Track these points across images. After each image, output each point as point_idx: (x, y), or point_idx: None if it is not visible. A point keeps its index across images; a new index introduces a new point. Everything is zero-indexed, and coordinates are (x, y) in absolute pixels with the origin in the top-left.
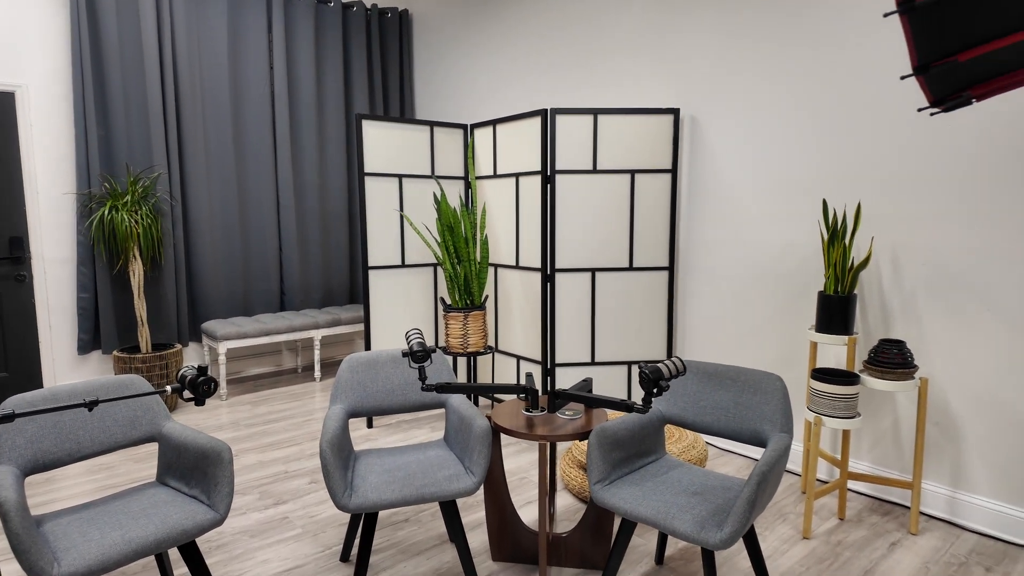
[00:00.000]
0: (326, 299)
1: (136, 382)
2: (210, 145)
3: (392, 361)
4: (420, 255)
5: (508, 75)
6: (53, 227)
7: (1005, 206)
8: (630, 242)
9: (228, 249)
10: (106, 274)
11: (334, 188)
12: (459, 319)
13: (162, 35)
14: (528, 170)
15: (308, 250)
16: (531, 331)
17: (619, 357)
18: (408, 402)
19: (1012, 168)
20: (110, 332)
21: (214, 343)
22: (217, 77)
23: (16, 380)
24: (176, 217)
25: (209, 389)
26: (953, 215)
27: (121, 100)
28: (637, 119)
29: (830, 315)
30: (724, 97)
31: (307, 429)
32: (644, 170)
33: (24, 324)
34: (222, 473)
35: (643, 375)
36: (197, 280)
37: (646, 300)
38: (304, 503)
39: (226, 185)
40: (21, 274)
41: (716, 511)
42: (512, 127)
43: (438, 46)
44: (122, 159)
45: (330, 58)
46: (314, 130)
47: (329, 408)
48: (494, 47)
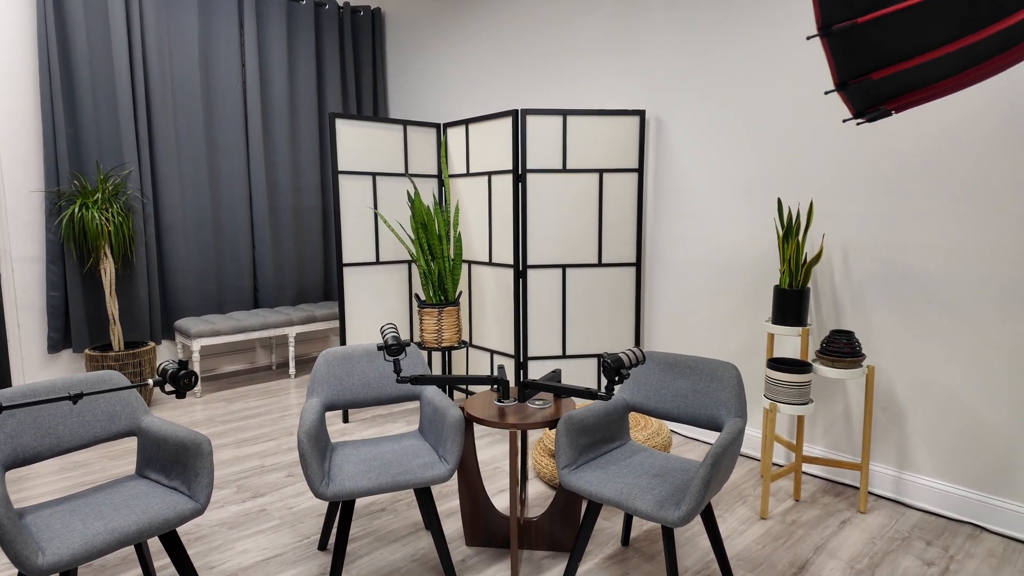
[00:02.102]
0: (300, 296)
1: (114, 377)
2: (181, 142)
3: (367, 355)
4: (395, 252)
5: (480, 75)
6: (20, 225)
7: (941, 206)
8: (599, 239)
9: (200, 247)
10: (76, 272)
11: (307, 186)
12: (433, 315)
13: (131, 31)
14: (500, 169)
15: (281, 248)
16: (504, 326)
17: (589, 350)
18: (383, 395)
19: (943, 170)
20: (81, 331)
21: (187, 341)
22: (188, 74)
23: None
24: (147, 215)
25: (190, 382)
26: (898, 214)
27: (90, 97)
28: (605, 120)
29: (785, 308)
30: (686, 99)
31: (283, 424)
32: (612, 169)
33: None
34: (202, 464)
35: (605, 364)
36: (169, 278)
37: (615, 295)
38: (282, 495)
39: (198, 183)
40: None
41: (675, 491)
42: (484, 127)
43: (411, 45)
44: (92, 156)
45: (302, 56)
46: (287, 128)
47: (306, 401)
48: (466, 47)
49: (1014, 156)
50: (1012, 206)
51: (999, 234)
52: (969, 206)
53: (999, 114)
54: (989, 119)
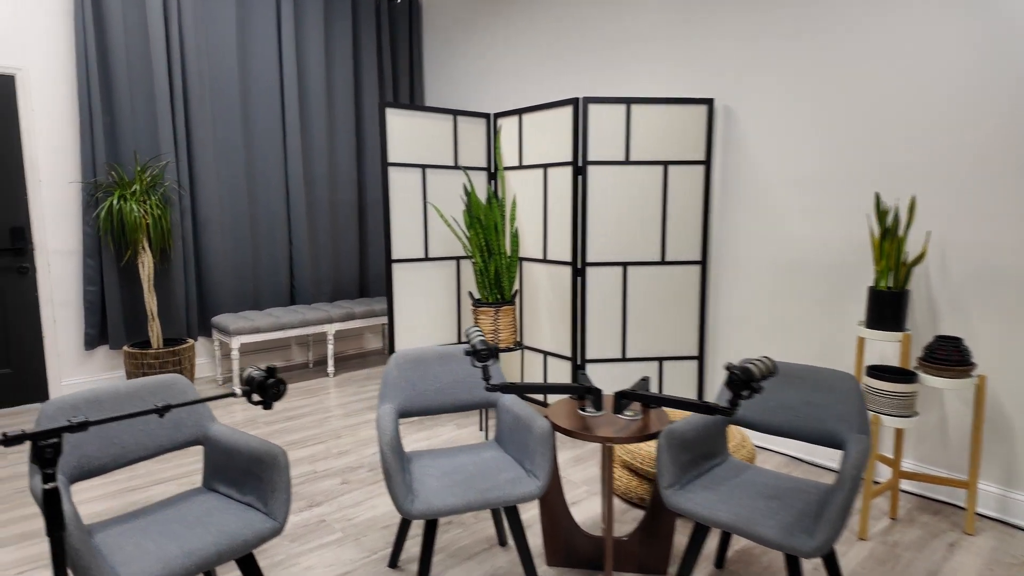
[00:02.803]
0: (336, 293)
1: (179, 383)
2: (218, 133)
3: (440, 359)
4: (444, 248)
5: (528, 64)
6: (57, 217)
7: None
8: (662, 235)
9: (237, 241)
10: (113, 266)
11: (344, 179)
12: (489, 314)
13: (168, 20)
14: (558, 161)
15: (318, 242)
16: (559, 326)
17: (650, 353)
18: (458, 401)
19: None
20: (118, 327)
21: (226, 338)
22: (225, 64)
23: (19, 377)
24: (184, 207)
25: (279, 391)
26: (1003, 211)
27: (126, 86)
28: (670, 109)
29: (882, 311)
30: (760, 87)
31: (328, 427)
32: (677, 161)
33: (27, 318)
34: (279, 478)
35: (733, 376)
36: (206, 273)
37: (678, 295)
38: (339, 504)
39: (235, 175)
40: (24, 266)
41: (800, 516)
42: (540, 116)
43: (450, 34)
44: (128, 147)
45: (339, 46)
46: (324, 120)
47: (379, 408)
48: (511, 35)
49: None
50: None
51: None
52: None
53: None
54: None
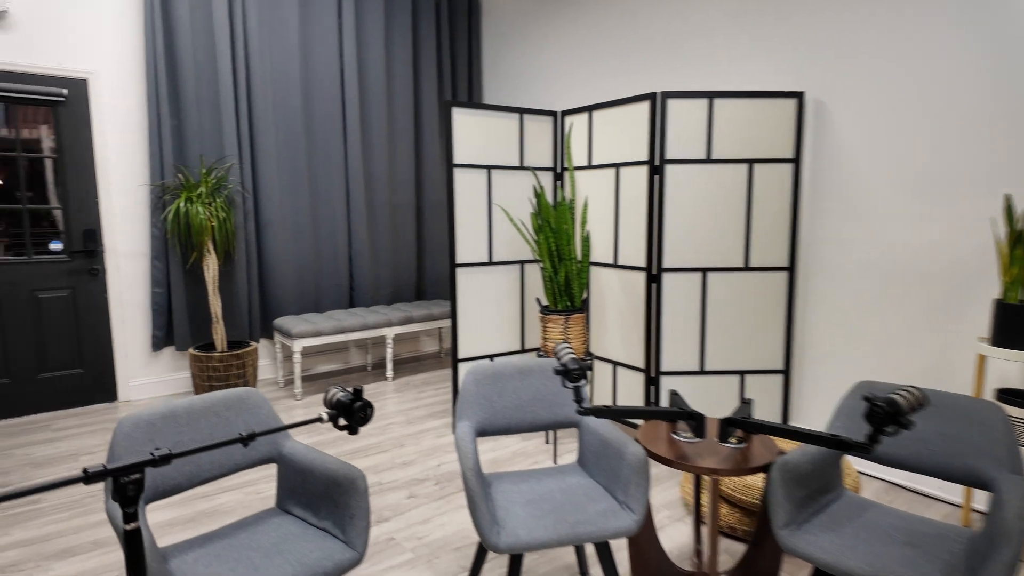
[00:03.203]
0: (395, 295)
1: (253, 397)
2: (280, 134)
3: (519, 373)
4: (508, 251)
5: (591, 59)
6: (126, 220)
7: None
8: (746, 239)
9: (299, 243)
10: (179, 269)
11: (403, 181)
12: (559, 322)
13: (234, 20)
14: (632, 160)
15: (377, 244)
16: (631, 336)
17: (731, 366)
18: (538, 420)
19: None
20: (183, 328)
21: (288, 340)
22: (288, 64)
23: (90, 377)
24: (248, 210)
25: (366, 415)
26: None
27: (193, 87)
28: (756, 103)
29: (1009, 327)
30: (858, 79)
31: (391, 435)
32: (763, 159)
33: (97, 320)
34: (358, 504)
35: (876, 409)
36: (268, 274)
37: (763, 303)
38: (407, 521)
39: (296, 176)
40: (94, 268)
41: (948, 569)
42: (613, 113)
43: (509, 29)
44: (194, 149)
45: (399, 45)
46: (383, 120)
47: (456, 426)
48: (574, 30)
49: None
50: None
51: None
52: None
53: None
54: None
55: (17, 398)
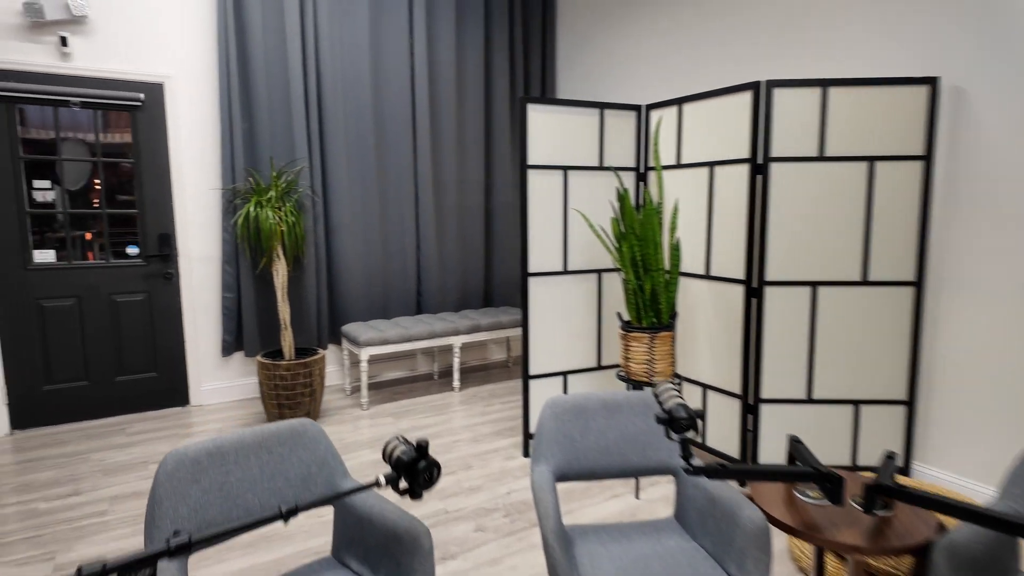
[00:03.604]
0: (462, 301)
1: (309, 432)
2: (350, 136)
3: (605, 409)
4: (584, 259)
5: (678, 49)
6: (199, 224)
7: None
8: (864, 249)
9: (368, 247)
10: (249, 273)
11: (471, 182)
12: (643, 341)
13: (304, 20)
14: (729, 157)
15: (446, 248)
16: (724, 355)
17: (844, 394)
18: (629, 464)
19: None
20: (252, 334)
21: (355, 348)
22: (358, 64)
23: (163, 380)
24: (317, 213)
25: (432, 478)
26: None
27: (264, 88)
28: (879, 92)
29: None
30: (1007, 62)
31: (457, 453)
32: (887, 156)
33: (171, 324)
34: (420, 566)
35: None
36: (337, 280)
37: (883, 323)
38: (475, 559)
39: (366, 178)
40: (168, 272)
41: None
42: (707, 106)
43: (586, 20)
44: (265, 152)
45: (470, 42)
46: (453, 120)
47: (533, 470)
48: (657, 16)
49: None
50: None
51: None
52: None
53: None
54: None
55: (96, 400)
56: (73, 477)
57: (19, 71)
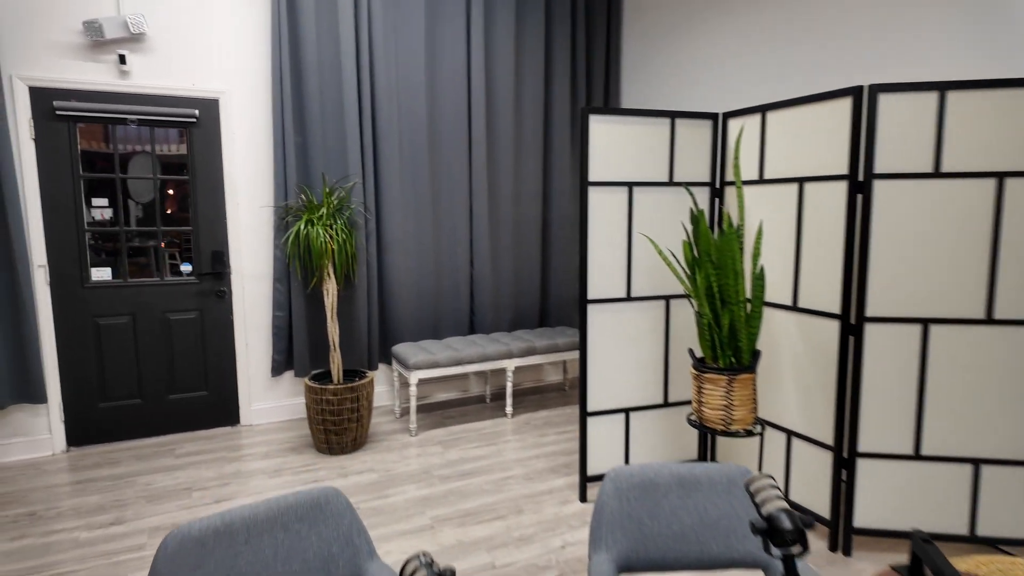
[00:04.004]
0: (517, 320)
1: (332, 503)
2: (404, 149)
3: (679, 486)
4: (650, 284)
5: (758, 50)
6: (252, 241)
7: None
8: (990, 281)
9: (420, 264)
10: (300, 292)
11: (528, 194)
12: (719, 383)
13: (359, 28)
14: (822, 173)
15: (500, 265)
16: (814, 400)
17: (961, 451)
18: (708, 555)
19: None
20: (303, 354)
21: (405, 371)
22: (413, 74)
23: (214, 399)
24: (370, 230)
25: None
26: None
27: (317, 101)
28: (1012, 95)
29: None
30: None
31: (508, 493)
32: (1018, 172)
33: (222, 342)
34: None
35: None
36: (389, 298)
37: (1012, 368)
38: None
39: (419, 193)
40: (221, 290)
41: None
42: (796, 114)
43: (655, 24)
44: (318, 168)
45: (530, 48)
46: (510, 129)
47: (591, 558)
48: (734, 18)
49: None
50: None
51: None
52: None
53: None
54: None
55: (148, 419)
56: (119, 503)
57: (79, 90)
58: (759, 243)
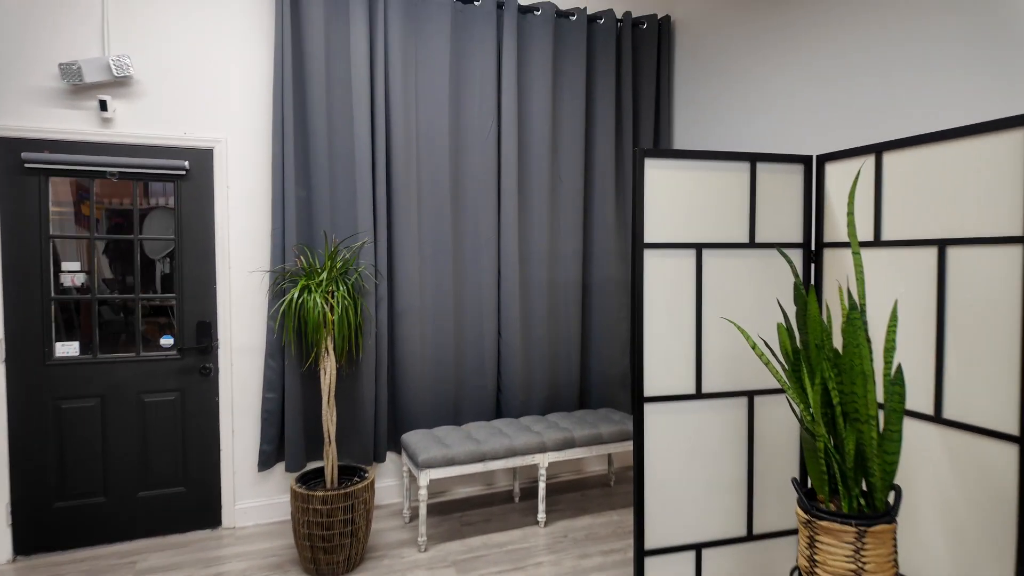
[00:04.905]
0: (551, 402)
1: None
2: (424, 202)
3: None
4: (729, 376)
5: (852, 79)
6: (244, 310)
7: None
8: None
9: (439, 335)
10: (296, 370)
11: (565, 253)
12: (845, 538)
13: (374, 72)
14: (980, 235)
15: (532, 335)
16: (977, 554)
17: None
18: None
19: None
20: (296, 444)
21: (414, 469)
22: (435, 118)
23: (193, 496)
24: (380, 297)
25: None
26: None
27: (325, 151)
28: None
29: None
30: None
31: None
32: None
33: (206, 428)
34: None
35: None
36: (401, 376)
37: None
38: None
39: (440, 253)
40: (206, 366)
41: None
42: (932, 154)
43: (711, 58)
44: (322, 226)
45: (568, 85)
46: (546, 178)
47: None
48: (819, 36)
49: None
50: None
51: None
52: None
53: None
54: None
55: (112, 520)
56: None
57: (53, 140)
58: (893, 332)
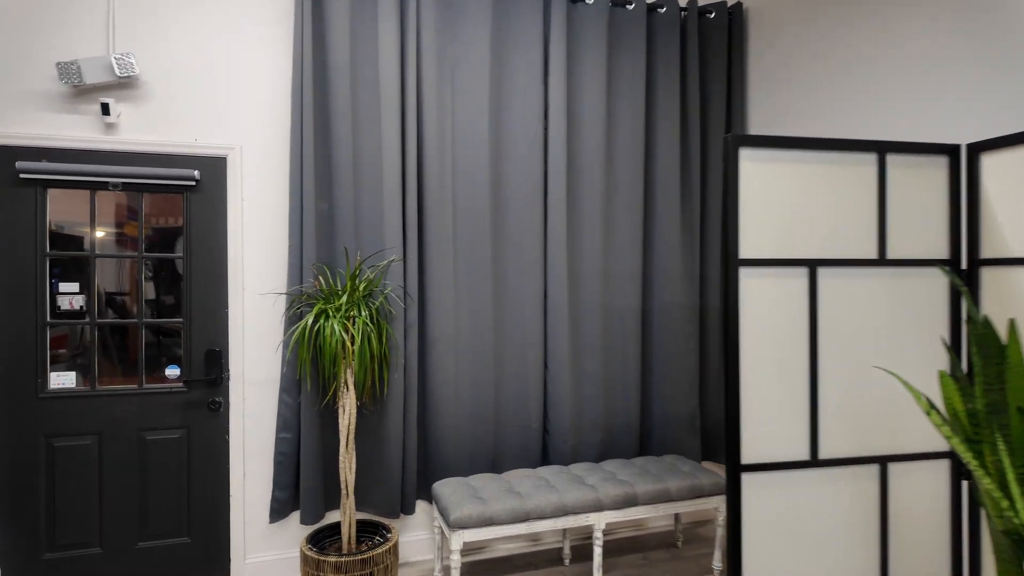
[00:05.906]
0: (607, 446)
1: None
2: (459, 218)
3: None
4: (853, 437)
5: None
6: (257, 337)
7: None
8: None
9: (477, 368)
10: (313, 407)
11: (622, 274)
12: None
13: (405, 72)
14: None
15: (584, 370)
16: None
17: None
18: None
19: None
20: (314, 492)
21: (446, 528)
22: (473, 123)
23: (198, 548)
24: (410, 323)
25: None
26: None
27: (349, 160)
28: None
29: None
30: None
31: None
32: None
33: (214, 470)
34: None
35: None
36: (432, 415)
37: None
38: None
39: (477, 274)
40: (215, 400)
41: None
42: None
43: (789, 49)
44: (345, 242)
45: (624, 83)
46: (599, 190)
47: None
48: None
49: None
50: None
51: None
52: None
53: None
54: None
55: (108, 574)
56: None
57: (51, 148)
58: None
